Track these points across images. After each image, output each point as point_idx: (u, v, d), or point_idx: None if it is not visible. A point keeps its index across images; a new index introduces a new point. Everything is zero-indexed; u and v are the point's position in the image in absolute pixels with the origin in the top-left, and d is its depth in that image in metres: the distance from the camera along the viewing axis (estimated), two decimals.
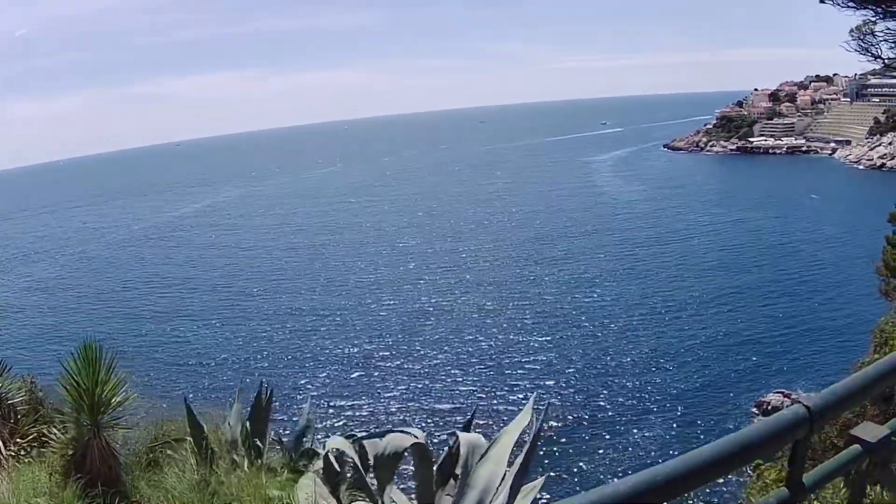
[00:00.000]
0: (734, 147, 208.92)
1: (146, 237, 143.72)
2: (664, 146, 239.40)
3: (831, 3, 27.83)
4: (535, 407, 7.63)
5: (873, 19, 27.57)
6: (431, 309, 79.80)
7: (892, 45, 27.85)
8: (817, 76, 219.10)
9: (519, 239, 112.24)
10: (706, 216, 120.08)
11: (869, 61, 28.28)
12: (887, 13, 27.29)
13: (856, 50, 28.16)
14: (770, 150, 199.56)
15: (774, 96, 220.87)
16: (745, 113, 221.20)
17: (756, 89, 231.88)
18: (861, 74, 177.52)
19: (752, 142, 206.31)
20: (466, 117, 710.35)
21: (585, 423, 51.59)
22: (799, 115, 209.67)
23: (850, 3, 27.52)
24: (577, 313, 75.03)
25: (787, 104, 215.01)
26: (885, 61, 28.34)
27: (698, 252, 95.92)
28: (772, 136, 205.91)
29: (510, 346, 67.29)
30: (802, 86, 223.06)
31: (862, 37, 27.77)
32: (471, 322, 74.61)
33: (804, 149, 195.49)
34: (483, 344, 68.10)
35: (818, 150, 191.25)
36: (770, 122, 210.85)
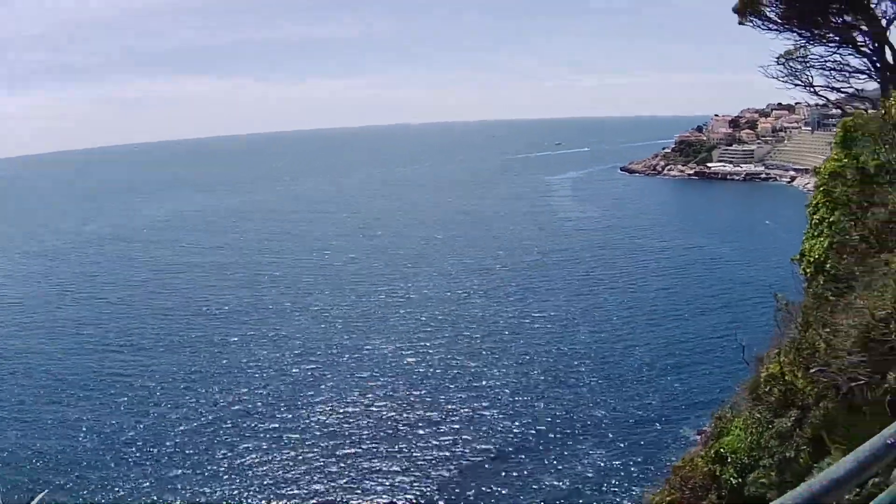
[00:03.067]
0: (692, 172, 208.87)
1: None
2: (621, 168, 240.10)
3: (751, 24, 25.48)
4: None
5: (804, 44, 25.31)
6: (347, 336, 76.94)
7: (821, 71, 25.54)
8: (779, 104, 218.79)
9: (456, 258, 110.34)
10: (649, 240, 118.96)
11: (789, 89, 26.07)
12: (815, 37, 24.95)
13: (775, 77, 25.74)
14: (728, 176, 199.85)
15: (735, 122, 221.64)
16: (705, 138, 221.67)
17: (716, 115, 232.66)
18: (822, 104, 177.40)
19: (710, 167, 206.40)
20: (446, 131, 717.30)
21: (520, 451, 49.93)
22: (759, 143, 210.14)
23: (772, 26, 25.10)
24: (516, 336, 72.98)
25: (748, 131, 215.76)
26: (816, 89, 26.02)
27: (642, 278, 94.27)
28: (731, 162, 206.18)
29: (439, 367, 64.99)
30: (763, 113, 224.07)
31: (787, 62, 25.40)
32: (399, 340, 72.14)
33: (763, 176, 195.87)
34: (411, 368, 65.58)
35: (777, 177, 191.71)
36: (729, 148, 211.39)
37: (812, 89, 25.89)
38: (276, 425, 55.13)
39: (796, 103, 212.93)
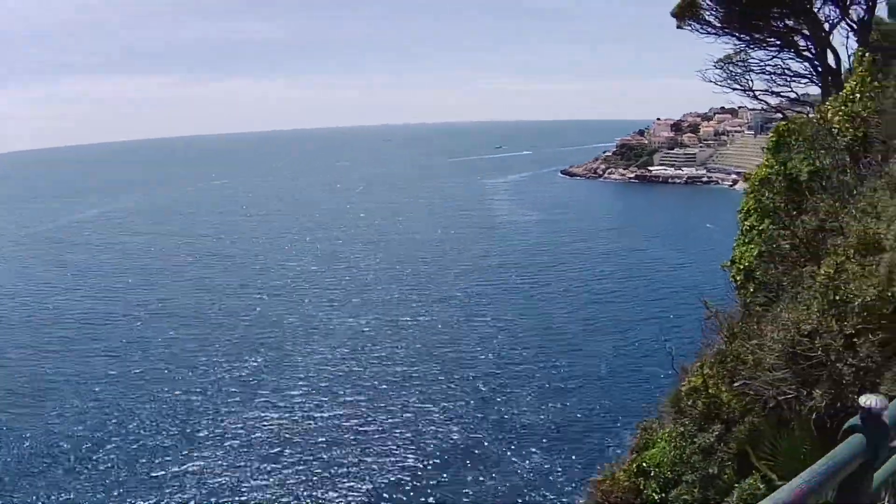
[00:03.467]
0: (633, 175, 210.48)
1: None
2: (561, 172, 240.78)
3: (690, 28, 25.21)
4: None
5: (744, 48, 25.12)
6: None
7: (761, 75, 25.37)
8: (722, 108, 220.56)
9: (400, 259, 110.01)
10: (588, 244, 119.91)
11: (727, 93, 25.90)
12: (755, 41, 24.75)
13: (713, 81, 25.54)
14: (669, 180, 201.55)
15: (677, 126, 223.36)
16: (646, 142, 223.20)
17: (658, 119, 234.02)
18: (766, 109, 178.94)
19: (652, 170, 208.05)
20: (374, 135, 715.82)
21: (461, 455, 49.44)
22: (701, 146, 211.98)
23: (710, 30, 24.83)
24: (456, 341, 72.41)
25: (690, 135, 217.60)
26: (756, 94, 25.85)
27: (583, 282, 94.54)
28: (672, 165, 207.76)
29: (382, 372, 64.37)
30: (706, 117, 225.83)
31: (727, 66, 25.19)
32: (339, 347, 71.53)
33: (704, 179, 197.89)
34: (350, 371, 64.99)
35: (719, 181, 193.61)
36: (671, 151, 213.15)
37: (752, 93, 25.74)
38: (217, 431, 53.74)
39: (739, 107, 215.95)
